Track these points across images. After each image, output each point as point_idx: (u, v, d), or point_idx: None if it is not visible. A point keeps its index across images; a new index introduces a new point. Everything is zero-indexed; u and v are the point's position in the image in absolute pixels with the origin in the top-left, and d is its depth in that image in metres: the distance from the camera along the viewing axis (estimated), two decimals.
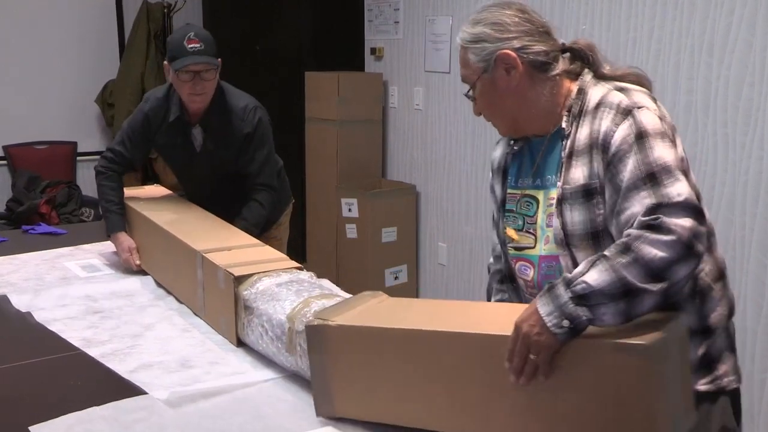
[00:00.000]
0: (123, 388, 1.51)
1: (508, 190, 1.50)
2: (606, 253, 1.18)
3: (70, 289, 2.13)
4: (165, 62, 2.36)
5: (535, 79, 1.38)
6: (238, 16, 4.87)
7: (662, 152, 1.24)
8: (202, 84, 2.30)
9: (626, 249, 1.16)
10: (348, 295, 1.83)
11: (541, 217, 1.42)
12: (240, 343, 1.72)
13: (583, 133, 1.34)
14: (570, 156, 1.36)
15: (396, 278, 4.11)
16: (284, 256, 1.90)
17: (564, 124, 1.38)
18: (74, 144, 4.71)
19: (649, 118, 1.28)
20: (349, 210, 4.03)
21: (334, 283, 2.08)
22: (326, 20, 4.83)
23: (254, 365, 1.63)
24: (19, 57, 4.48)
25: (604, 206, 1.31)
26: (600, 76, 1.41)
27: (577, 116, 1.36)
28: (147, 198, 2.48)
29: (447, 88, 3.87)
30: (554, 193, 1.38)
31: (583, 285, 1.14)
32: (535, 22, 1.40)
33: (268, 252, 1.92)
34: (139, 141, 2.47)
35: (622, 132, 1.28)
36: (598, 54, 1.44)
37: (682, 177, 1.23)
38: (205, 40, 2.30)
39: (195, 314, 1.93)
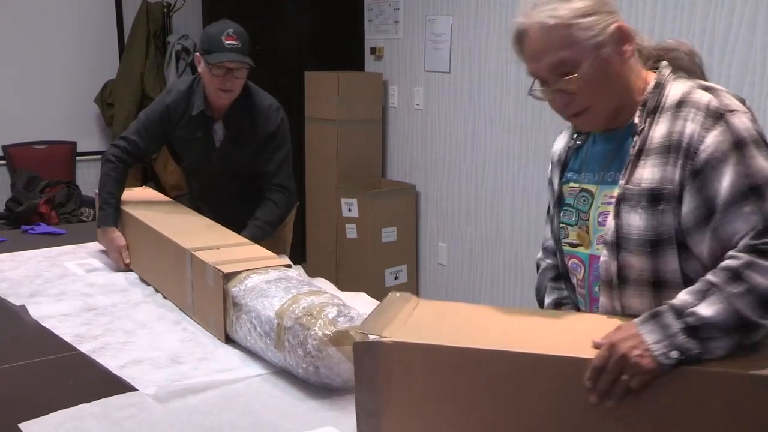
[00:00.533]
0: (113, 384, 1.52)
1: (570, 184, 1.41)
2: (714, 280, 1.12)
3: (67, 287, 2.14)
4: (197, 53, 2.38)
5: (633, 62, 1.27)
6: (238, 16, 4.81)
7: (764, 163, 1.16)
8: (233, 81, 2.32)
9: (737, 277, 1.11)
10: (339, 293, 1.84)
11: (593, 215, 1.33)
12: (228, 340, 1.73)
13: (658, 132, 1.24)
14: (639, 154, 1.25)
15: (396, 278, 4.11)
16: (272, 254, 1.90)
17: (636, 119, 1.27)
18: (73, 144, 4.71)
19: (744, 123, 1.18)
20: (349, 210, 4.03)
21: (333, 282, 2.08)
22: (326, 20, 4.84)
23: (243, 361, 1.64)
24: (19, 56, 4.48)
25: (674, 215, 1.21)
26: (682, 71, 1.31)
27: (652, 112, 1.26)
28: (136, 200, 2.49)
29: (447, 88, 3.87)
30: (614, 191, 1.28)
31: (697, 317, 1.10)
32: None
33: (257, 250, 1.94)
34: (156, 133, 2.48)
35: (714, 138, 1.17)
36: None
37: None
38: (242, 38, 2.33)
39: (184, 312, 1.94)
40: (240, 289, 1.66)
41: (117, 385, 1.51)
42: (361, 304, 1.88)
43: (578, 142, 1.43)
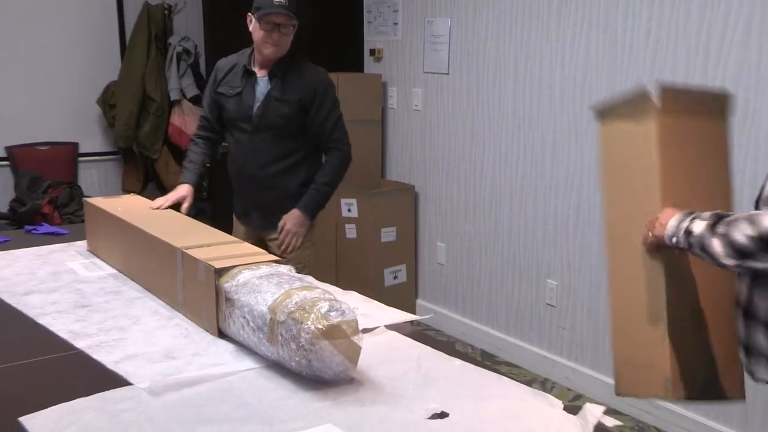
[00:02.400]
0: (107, 379, 1.54)
1: None
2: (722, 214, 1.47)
3: (60, 284, 2.15)
4: (249, 14, 2.61)
5: None
6: (238, 18, 4.88)
7: None
8: (279, 35, 2.55)
9: (728, 221, 1.43)
10: (330, 287, 1.88)
11: None
12: (221, 335, 1.75)
13: None
14: None
15: (395, 278, 4.14)
16: (262, 250, 1.92)
17: None
18: (76, 145, 4.75)
19: None
20: (349, 210, 4.06)
21: (333, 281, 2.12)
22: (326, 22, 4.86)
23: (235, 356, 1.65)
24: (21, 58, 4.51)
25: None
26: None
27: None
28: (126, 206, 2.51)
29: (446, 89, 3.90)
30: None
31: (691, 228, 1.48)
32: None
33: (245, 247, 1.96)
34: (210, 99, 2.79)
35: None
36: None
37: None
38: None
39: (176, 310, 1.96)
40: (232, 284, 1.68)
41: (112, 380, 1.53)
42: (352, 299, 1.92)
43: None
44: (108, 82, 4.69)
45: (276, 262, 1.80)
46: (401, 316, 1.91)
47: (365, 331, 1.65)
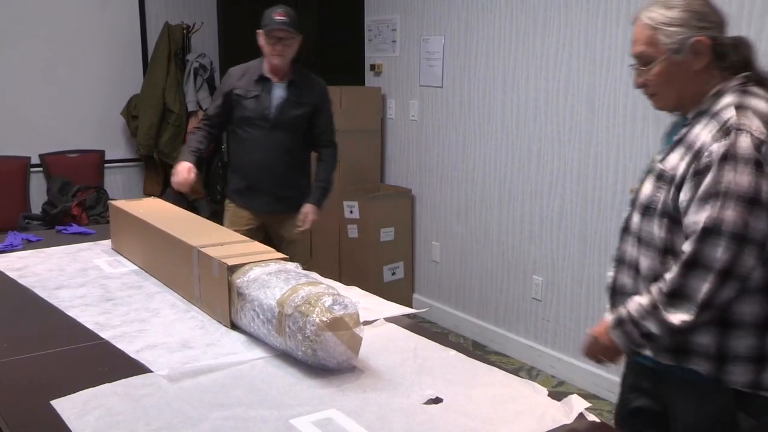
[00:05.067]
0: (130, 366, 1.54)
1: None
2: (654, 296, 1.36)
3: (87, 279, 2.15)
4: (258, 30, 2.81)
5: (711, 68, 1.37)
6: (251, 37, 4.91)
7: (739, 178, 1.25)
8: (282, 47, 2.76)
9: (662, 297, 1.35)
10: (333, 283, 1.87)
11: None
12: (233, 327, 1.75)
13: (695, 130, 1.34)
14: (677, 143, 1.38)
15: (393, 274, 4.13)
16: (270, 249, 1.92)
17: (690, 115, 1.39)
18: (102, 152, 4.75)
19: (743, 142, 1.26)
20: (351, 212, 4.05)
21: (336, 278, 2.11)
22: (330, 39, 4.87)
23: (246, 346, 1.65)
24: (53, 75, 4.52)
25: (666, 193, 1.36)
26: (757, 83, 1.38)
27: (703, 113, 1.36)
28: (147, 208, 2.51)
29: (440, 101, 3.89)
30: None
31: (647, 330, 1.37)
32: (721, 15, 1.38)
33: (256, 246, 1.96)
34: (222, 100, 2.90)
35: (716, 148, 1.27)
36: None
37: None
38: (289, 14, 2.76)
39: (193, 304, 1.96)
40: (243, 280, 1.67)
41: (134, 367, 1.53)
42: (354, 294, 1.91)
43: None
44: (131, 95, 4.70)
45: (283, 259, 1.80)
46: (399, 309, 1.90)
47: (366, 323, 1.65)
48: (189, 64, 4.67)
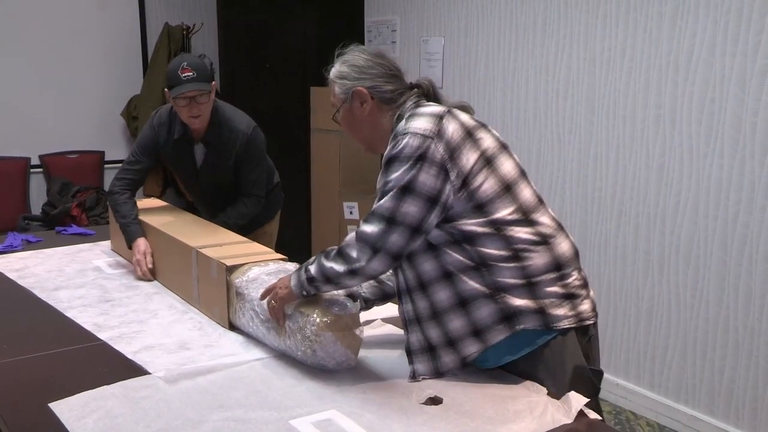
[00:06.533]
0: (127, 368, 1.53)
1: None
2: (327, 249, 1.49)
3: (86, 280, 2.15)
4: (165, 89, 2.37)
5: (383, 110, 1.54)
6: (251, 37, 4.91)
7: (397, 175, 1.39)
8: (198, 107, 2.33)
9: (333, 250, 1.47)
10: None
11: None
12: (232, 327, 1.74)
13: (386, 150, 1.47)
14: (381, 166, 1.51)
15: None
16: (269, 249, 1.92)
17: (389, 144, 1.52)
18: (102, 153, 4.74)
19: (407, 143, 1.40)
20: (351, 213, 4.05)
21: None
22: (330, 40, 4.86)
23: (244, 347, 1.65)
24: (54, 76, 4.51)
25: None
26: (427, 97, 1.57)
27: (394, 137, 1.48)
28: (146, 208, 2.52)
29: None
30: None
31: (309, 273, 1.47)
32: (386, 66, 1.56)
33: (255, 247, 1.96)
34: (150, 148, 2.48)
35: (386, 152, 1.44)
36: (436, 88, 1.59)
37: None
38: (197, 68, 2.31)
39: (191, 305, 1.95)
40: (242, 280, 1.67)
41: (131, 369, 1.52)
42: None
43: None
44: (131, 96, 4.69)
45: (282, 260, 1.80)
46: (397, 310, 1.90)
47: (365, 323, 1.65)
48: None
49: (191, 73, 2.29)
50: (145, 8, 4.74)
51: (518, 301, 1.41)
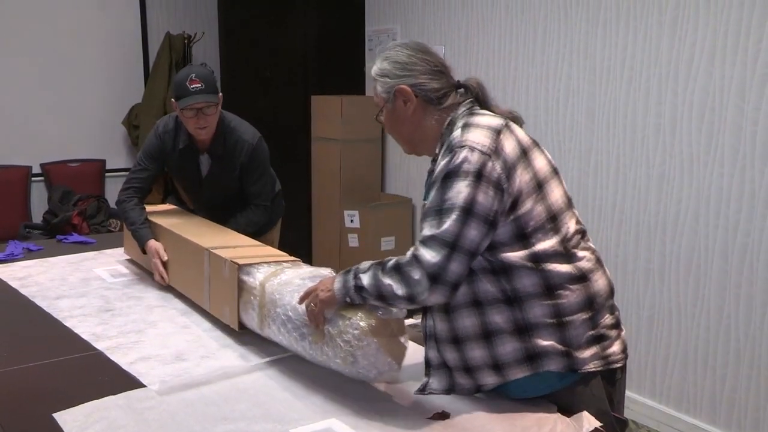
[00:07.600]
0: (122, 378, 1.52)
1: None
2: (384, 260, 1.38)
3: (89, 289, 2.15)
4: (172, 99, 2.37)
5: (428, 110, 1.46)
6: (252, 47, 4.92)
7: (456, 191, 1.30)
8: (205, 118, 2.33)
9: (390, 264, 1.36)
10: None
11: None
12: (241, 327, 1.72)
13: (437, 167, 1.38)
14: (429, 177, 1.44)
15: None
16: (282, 252, 1.92)
17: (437, 150, 1.44)
18: (103, 162, 4.74)
19: (463, 157, 1.31)
20: (351, 221, 4.04)
21: None
22: (330, 50, 4.88)
23: (242, 359, 1.64)
24: (55, 84, 4.51)
25: None
26: (486, 109, 1.49)
27: (443, 145, 1.41)
28: (159, 211, 2.52)
29: None
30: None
31: (360, 282, 1.37)
32: (431, 62, 1.47)
33: (266, 249, 1.96)
34: (156, 155, 2.48)
35: (441, 165, 1.35)
36: (486, 90, 1.52)
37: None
38: (205, 79, 2.31)
39: (199, 308, 1.94)
40: (274, 282, 1.59)
41: (126, 379, 1.51)
42: None
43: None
44: (132, 104, 4.69)
45: (294, 261, 1.79)
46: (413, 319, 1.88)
47: None
48: None
49: (200, 85, 2.29)
50: (146, 17, 4.75)
51: (544, 342, 1.33)
